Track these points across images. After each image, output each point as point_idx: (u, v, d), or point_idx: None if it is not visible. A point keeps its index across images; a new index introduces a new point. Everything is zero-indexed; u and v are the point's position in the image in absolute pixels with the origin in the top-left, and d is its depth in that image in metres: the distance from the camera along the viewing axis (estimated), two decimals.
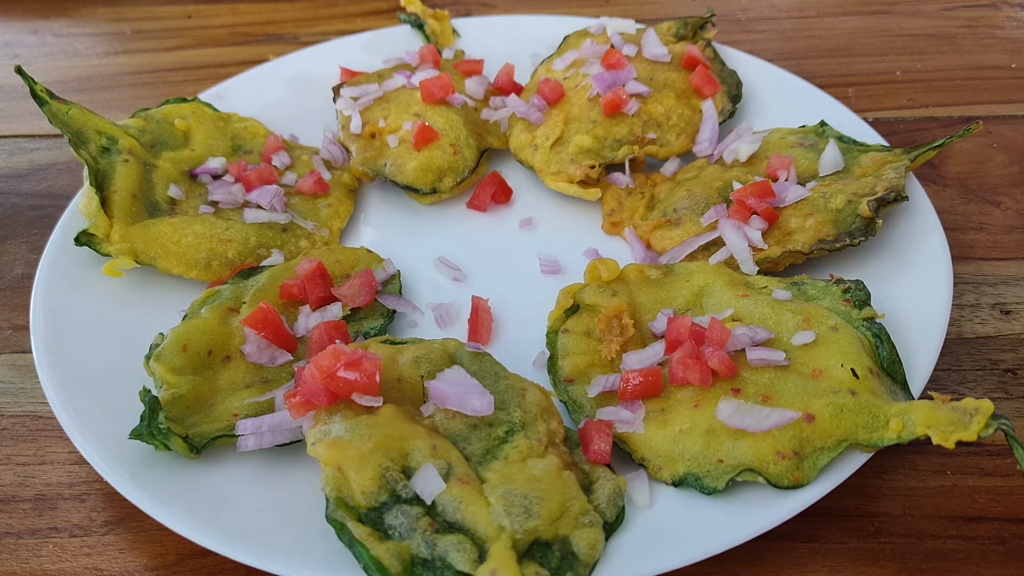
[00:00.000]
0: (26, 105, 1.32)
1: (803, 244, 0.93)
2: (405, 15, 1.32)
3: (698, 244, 0.96)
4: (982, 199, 1.10)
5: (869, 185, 0.96)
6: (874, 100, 1.27)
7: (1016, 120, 1.22)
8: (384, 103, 1.14)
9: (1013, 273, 1.00)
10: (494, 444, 0.75)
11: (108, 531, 0.80)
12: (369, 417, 0.74)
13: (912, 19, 1.44)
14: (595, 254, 1.01)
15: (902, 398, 0.78)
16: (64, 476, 0.85)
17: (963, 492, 0.80)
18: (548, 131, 1.10)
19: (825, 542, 0.77)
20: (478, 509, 0.69)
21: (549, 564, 0.69)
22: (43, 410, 0.91)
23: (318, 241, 1.02)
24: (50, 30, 1.53)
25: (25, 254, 1.09)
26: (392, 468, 0.71)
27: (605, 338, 0.86)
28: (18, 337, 0.99)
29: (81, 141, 1.00)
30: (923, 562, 0.75)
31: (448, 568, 0.67)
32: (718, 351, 0.80)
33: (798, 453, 0.74)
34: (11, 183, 1.20)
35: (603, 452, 0.77)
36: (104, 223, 0.95)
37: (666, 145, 1.09)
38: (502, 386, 0.80)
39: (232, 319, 0.87)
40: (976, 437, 0.71)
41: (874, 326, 0.83)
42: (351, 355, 0.75)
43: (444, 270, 1.00)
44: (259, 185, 1.04)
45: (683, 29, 1.23)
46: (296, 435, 0.78)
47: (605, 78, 1.10)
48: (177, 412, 0.80)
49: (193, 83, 1.38)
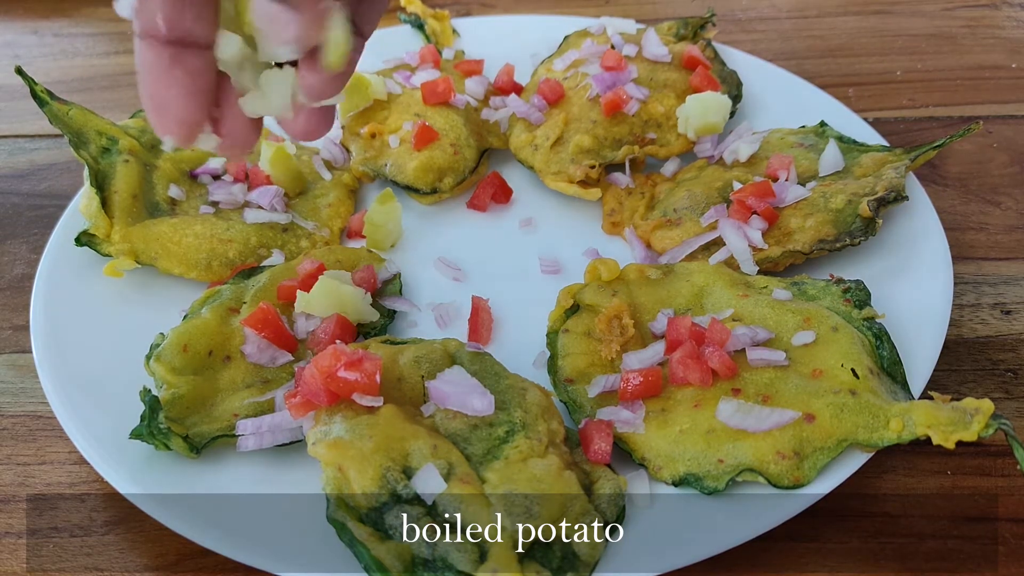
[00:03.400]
0: (26, 105, 1.32)
1: (803, 244, 0.93)
2: (405, 15, 1.32)
3: (698, 244, 0.96)
4: (982, 199, 1.10)
5: (869, 185, 0.96)
6: (874, 100, 1.27)
7: (1016, 120, 1.22)
8: (384, 103, 1.14)
9: (1013, 273, 1.00)
10: (495, 444, 0.75)
11: (108, 531, 0.80)
12: (370, 417, 0.74)
13: (912, 19, 1.44)
14: (595, 254, 1.01)
15: (902, 398, 0.78)
16: (64, 476, 0.85)
17: (963, 492, 0.80)
18: (548, 131, 1.10)
19: (825, 542, 0.77)
20: (479, 509, 0.69)
21: (550, 564, 0.69)
22: (43, 410, 0.91)
23: (318, 241, 1.02)
24: (50, 30, 1.53)
25: (25, 254, 1.09)
26: (393, 468, 0.71)
27: (605, 338, 0.86)
28: (18, 337, 0.99)
29: (81, 141, 1.00)
30: (923, 562, 0.75)
31: (449, 568, 0.67)
32: (718, 351, 0.80)
33: (798, 453, 0.74)
34: (11, 183, 1.20)
35: (604, 452, 0.77)
36: (105, 223, 0.95)
37: (666, 145, 1.09)
38: (502, 386, 0.80)
39: (232, 319, 0.87)
40: (976, 437, 0.71)
41: (874, 326, 0.83)
42: (351, 355, 0.75)
43: (444, 270, 1.00)
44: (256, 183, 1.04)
45: (683, 29, 1.23)
46: (296, 435, 0.78)
47: (605, 78, 1.10)
48: (177, 412, 0.80)
49: None
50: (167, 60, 0.61)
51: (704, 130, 1.07)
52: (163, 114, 0.62)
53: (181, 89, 0.62)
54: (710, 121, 1.06)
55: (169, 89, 0.61)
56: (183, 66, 0.61)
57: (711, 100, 1.07)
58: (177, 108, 0.62)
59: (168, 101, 0.62)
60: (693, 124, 1.07)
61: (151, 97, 0.62)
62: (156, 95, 0.62)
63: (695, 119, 1.06)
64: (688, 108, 1.07)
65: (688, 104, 1.07)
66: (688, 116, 1.07)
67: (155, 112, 0.63)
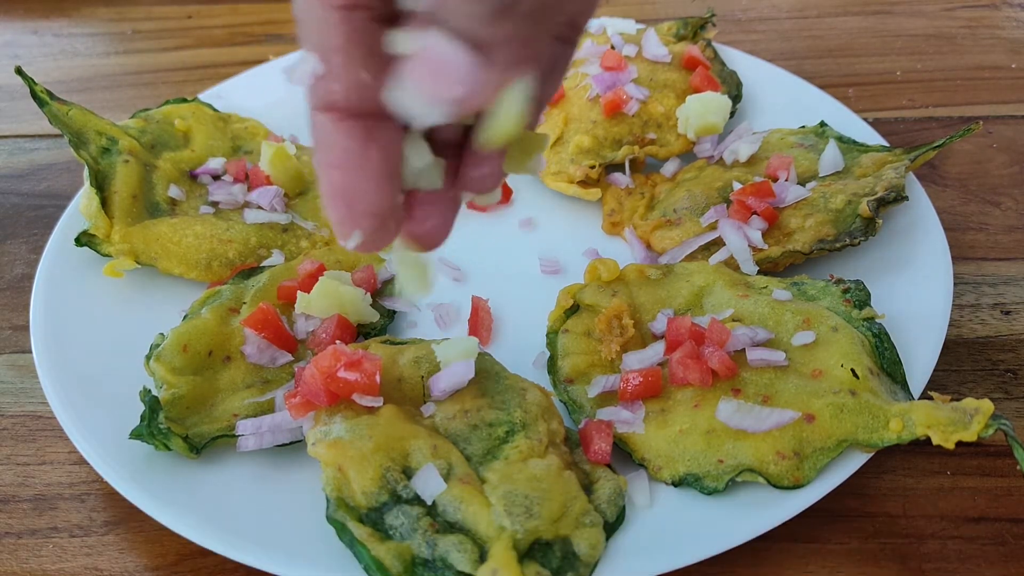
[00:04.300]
0: (26, 105, 1.32)
1: (803, 244, 0.93)
2: None
3: (698, 244, 0.96)
4: (982, 199, 1.10)
5: (869, 185, 0.96)
6: (874, 100, 1.27)
7: (1016, 120, 1.22)
8: None
9: (1013, 273, 1.00)
10: (495, 444, 0.75)
11: (108, 531, 0.80)
12: (370, 417, 0.74)
13: (912, 19, 1.44)
14: (595, 254, 1.01)
15: (902, 398, 0.78)
16: (64, 476, 0.85)
17: (963, 492, 0.80)
18: (548, 131, 1.10)
19: (825, 542, 0.77)
20: (479, 509, 0.69)
21: (550, 564, 0.69)
22: (43, 410, 0.91)
23: (318, 241, 1.02)
24: (50, 30, 1.53)
25: (25, 254, 1.09)
26: (393, 468, 0.71)
27: (605, 338, 0.86)
28: (18, 337, 0.99)
29: (81, 142, 1.00)
30: (923, 562, 0.75)
31: (449, 568, 0.67)
32: (718, 351, 0.80)
33: (798, 453, 0.74)
34: (11, 183, 1.20)
35: (603, 452, 0.77)
36: (105, 223, 0.95)
37: (666, 145, 1.09)
38: (502, 386, 0.80)
39: (232, 319, 0.87)
40: (976, 437, 0.71)
41: (874, 326, 0.83)
42: (351, 355, 0.75)
43: (444, 270, 1.00)
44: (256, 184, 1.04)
45: (683, 29, 1.23)
46: (296, 435, 0.78)
47: (605, 78, 1.10)
48: (177, 412, 0.80)
49: (193, 83, 1.38)
50: (360, 138, 0.48)
51: (704, 130, 1.07)
52: (353, 207, 0.50)
53: (374, 172, 0.49)
54: (710, 121, 1.06)
55: (361, 175, 0.49)
56: (378, 144, 0.49)
57: (711, 100, 1.07)
58: (370, 198, 0.50)
59: (359, 189, 0.49)
60: (693, 124, 1.07)
61: (340, 187, 0.50)
62: (347, 184, 0.49)
63: (695, 119, 1.06)
64: (688, 108, 1.07)
65: (688, 104, 1.07)
66: (688, 116, 1.07)
67: (343, 206, 0.50)
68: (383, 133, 0.49)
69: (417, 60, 0.44)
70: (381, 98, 0.47)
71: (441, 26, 0.43)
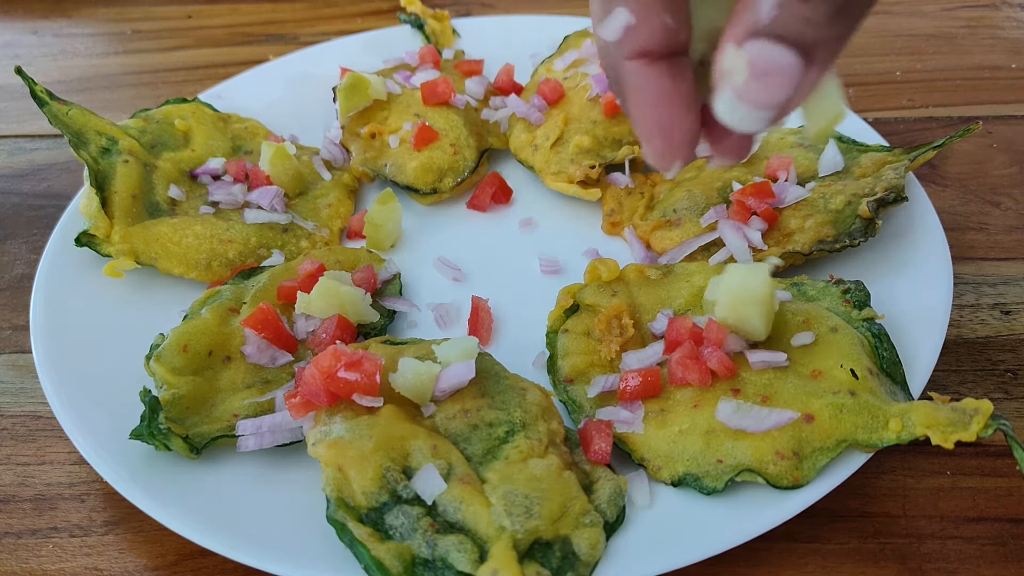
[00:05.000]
0: (26, 105, 1.32)
1: (803, 245, 0.93)
2: (405, 15, 1.32)
3: (698, 244, 0.96)
4: (982, 199, 1.10)
5: (869, 185, 0.96)
6: (874, 100, 1.27)
7: (1016, 120, 1.22)
8: (384, 103, 1.14)
9: (1013, 273, 1.00)
10: (495, 444, 0.75)
11: (108, 531, 0.80)
12: (370, 417, 0.74)
13: (912, 19, 1.44)
14: (595, 254, 1.01)
15: (902, 398, 0.78)
16: (64, 476, 0.85)
17: (963, 492, 0.80)
18: (548, 131, 1.10)
19: (825, 542, 0.77)
20: (479, 509, 0.69)
21: (550, 564, 0.69)
22: (43, 410, 0.91)
23: (318, 241, 1.02)
24: (50, 30, 1.53)
25: (25, 254, 1.09)
26: (393, 468, 0.71)
27: (605, 338, 0.86)
28: (18, 337, 0.99)
29: (81, 142, 1.00)
30: (923, 562, 0.75)
31: (449, 568, 0.67)
32: (717, 351, 0.80)
33: (797, 453, 0.74)
34: (11, 183, 1.20)
35: (603, 452, 0.77)
36: (104, 224, 0.95)
37: None
38: (502, 386, 0.80)
39: (232, 319, 0.87)
40: (975, 437, 0.71)
41: (874, 327, 0.83)
42: (351, 356, 0.75)
43: (444, 270, 1.00)
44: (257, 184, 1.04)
45: None
46: (296, 435, 0.78)
47: (605, 78, 1.10)
48: (177, 412, 0.80)
49: (193, 83, 1.38)
50: (670, 76, 0.53)
51: None
52: (672, 139, 0.55)
53: (685, 103, 0.54)
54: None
55: (674, 108, 0.54)
56: (684, 78, 0.54)
57: None
58: (683, 128, 0.55)
59: (676, 122, 0.55)
60: None
61: (658, 123, 0.55)
62: (664, 120, 0.54)
63: None
64: None
65: None
66: None
67: (663, 141, 0.55)
68: (684, 68, 0.54)
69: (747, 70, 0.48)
70: (681, 38, 0.53)
71: (768, 35, 0.47)
